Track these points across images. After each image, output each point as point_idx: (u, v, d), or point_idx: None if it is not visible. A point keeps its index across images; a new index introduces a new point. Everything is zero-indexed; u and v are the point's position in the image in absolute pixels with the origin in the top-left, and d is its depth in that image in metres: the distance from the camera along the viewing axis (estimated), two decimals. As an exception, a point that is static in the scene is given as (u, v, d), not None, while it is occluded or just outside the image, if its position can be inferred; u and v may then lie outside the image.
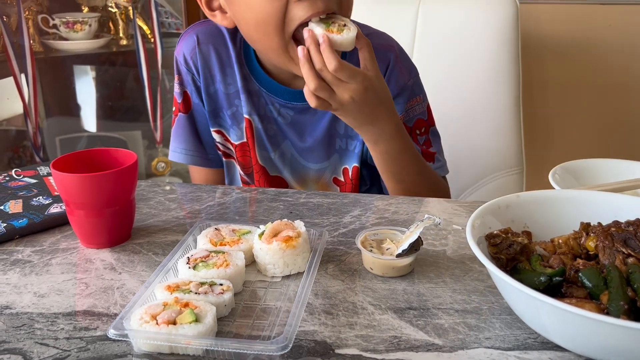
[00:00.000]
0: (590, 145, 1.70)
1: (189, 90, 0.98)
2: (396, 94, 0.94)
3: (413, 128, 0.97)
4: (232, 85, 0.96)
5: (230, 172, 1.04)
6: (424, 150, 0.97)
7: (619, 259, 0.55)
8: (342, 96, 0.78)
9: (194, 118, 1.00)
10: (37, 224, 0.77)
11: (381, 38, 0.98)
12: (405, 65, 0.96)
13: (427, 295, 0.62)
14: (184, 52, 0.97)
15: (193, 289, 0.59)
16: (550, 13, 1.61)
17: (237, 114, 0.97)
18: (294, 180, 1.01)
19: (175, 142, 1.02)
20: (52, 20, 1.79)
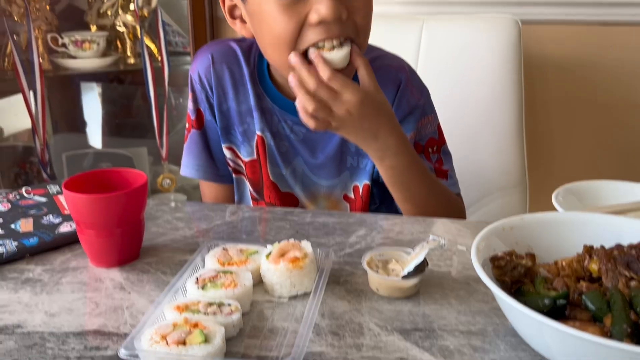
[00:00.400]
0: (593, 165, 1.71)
1: (202, 108, 1.01)
2: (407, 113, 0.96)
3: (425, 146, 0.98)
4: (244, 103, 0.98)
5: (240, 189, 1.06)
6: (437, 168, 0.98)
7: (622, 282, 0.56)
8: (339, 112, 0.80)
9: (206, 134, 1.02)
10: (47, 243, 0.78)
11: (392, 59, 1.01)
12: (416, 85, 0.99)
13: (432, 317, 0.63)
14: (198, 70, 0.99)
15: (202, 309, 0.60)
16: (553, 33, 1.63)
17: (248, 131, 0.99)
18: (305, 196, 1.02)
19: (187, 157, 1.04)
20: (61, 39, 1.81)
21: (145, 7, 1.84)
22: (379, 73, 0.95)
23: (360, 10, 0.82)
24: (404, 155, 0.87)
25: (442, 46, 1.40)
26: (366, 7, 0.84)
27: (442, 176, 0.98)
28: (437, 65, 1.40)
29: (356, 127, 0.82)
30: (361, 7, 0.82)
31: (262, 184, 1.02)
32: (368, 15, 0.85)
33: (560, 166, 1.73)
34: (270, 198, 1.01)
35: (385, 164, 0.88)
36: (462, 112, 1.38)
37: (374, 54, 0.99)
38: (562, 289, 0.57)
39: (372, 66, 0.96)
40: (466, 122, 1.38)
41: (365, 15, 0.84)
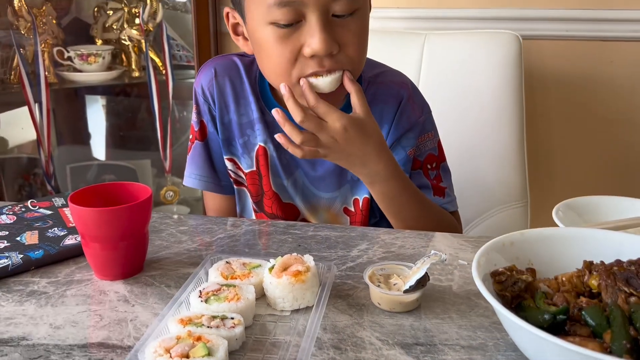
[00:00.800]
0: (594, 180, 1.72)
1: (205, 120, 1.03)
2: (407, 129, 0.97)
3: (424, 162, 1.00)
4: (244, 116, 1.00)
5: (241, 200, 1.07)
6: (434, 184, 0.99)
7: (621, 298, 0.57)
8: (325, 139, 0.82)
9: (209, 146, 1.04)
10: (52, 255, 0.79)
11: (395, 75, 1.02)
12: (417, 102, 1.00)
13: (433, 331, 0.64)
14: (202, 83, 1.01)
15: (205, 323, 0.60)
16: (553, 49, 1.64)
17: (248, 143, 1.01)
18: (305, 207, 1.03)
19: (190, 168, 1.06)
20: (67, 53, 1.83)
21: (150, 21, 1.87)
22: (382, 89, 0.98)
23: (352, 44, 0.83)
24: (395, 180, 0.89)
25: (444, 61, 1.41)
26: (359, 38, 0.85)
27: (439, 194, 0.99)
28: (439, 80, 1.41)
29: (343, 154, 0.84)
30: (354, 40, 0.83)
31: (261, 195, 1.03)
32: (361, 46, 0.86)
33: (561, 181, 1.73)
34: (272, 208, 1.03)
35: (375, 188, 0.90)
36: (463, 126, 1.39)
37: (377, 70, 1.01)
38: (562, 304, 0.58)
39: (375, 82, 0.99)
40: (467, 136, 1.39)
41: (358, 47, 0.85)
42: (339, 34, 0.82)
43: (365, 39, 0.86)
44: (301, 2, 0.78)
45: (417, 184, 0.98)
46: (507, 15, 1.62)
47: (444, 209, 0.99)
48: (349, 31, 0.82)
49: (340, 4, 0.80)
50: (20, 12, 1.76)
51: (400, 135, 0.97)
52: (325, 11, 0.80)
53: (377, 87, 0.99)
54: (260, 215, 1.05)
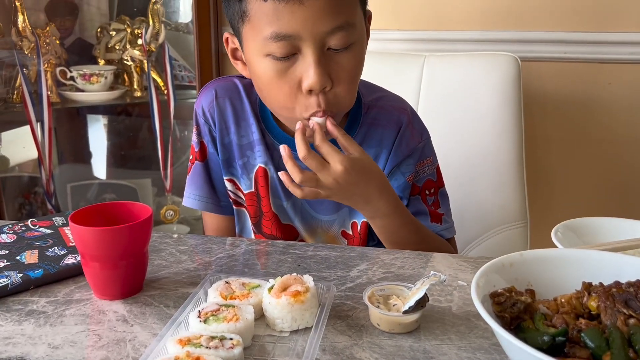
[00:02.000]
0: (593, 201, 1.72)
1: (205, 141, 1.03)
2: (407, 155, 0.98)
3: (422, 188, 1.00)
4: (244, 137, 1.01)
5: (241, 220, 1.08)
6: (432, 211, 1.00)
7: (621, 319, 0.56)
8: (327, 181, 0.83)
9: (209, 167, 1.04)
10: (52, 275, 0.79)
11: (395, 101, 1.03)
12: (417, 127, 1.00)
13: (433, 353, 0.64)
14: (202, 104, 1.02)
15: (204, 343, 0.60)
16: (552, 70, 1.66)
17: (247, 164, 1.01)
18: (304, 229, 1.03)
19: (190, 189, 1.06)
20: (69, 73, 1.85)
21: (152, 42, 1.89)
22: (382, 113, 0.99)
23: (343, 82, 0.84)
24: (395, 215, 0.90)
25: (443, 83, 1.42)
26: (352, 75, 0.85)
27: (437, 220, 1.00)
28: (438, 101, 1.42)
29: (346, 194, 0.85)
30: (346, 78, 0.84)
31: (260, 217, 1.03)
32: (353, 84, 0.87)
33: (561, 202, 1.74)
34: (272, 230, 1.03)
35: (376, 223, 0.92)
36: (462, 147, 1.40)
37: (377, 94, 1.02)
38: (561, 325, 0.58)
39: (375, 106, 0.99)
40: (467, 157, 1.39)
41: (350, 84, 0.86)
42: (333, 68, 0.83)
43: (358, 74, 0.88)
44: (297, 36, 0.79)
45: (415, 209, 0.98)
46: (505, 37, 1.64)
47: (441, 235, 1.00)
48: (342, 67, 0.83)
49: (336, 39, 0.80)
50: (24, 32, 1.78)
51: (400, 161, 0.98)
52: (321, 45, 0.80)
53: (378, 112, 0.99)
54: (259, 237, 1.05)
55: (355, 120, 0.98)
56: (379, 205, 0.88)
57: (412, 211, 0.98)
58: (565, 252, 0.71)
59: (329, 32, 0.80)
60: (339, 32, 0.80)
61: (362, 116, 0.98)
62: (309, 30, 0.79)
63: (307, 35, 0.79)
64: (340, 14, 0.80)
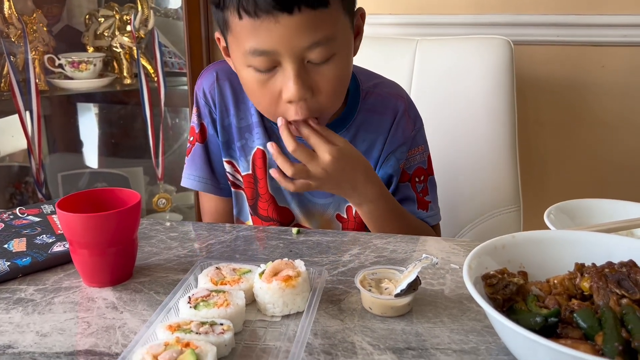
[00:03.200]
0: (586, 183, 1.72)
1: (205, 122, 1.04)
2: (401, 143, 0.99)
3: (412, 175, 1.02)
4: (243, 120, 1.02)
5: (238, 202, 1.08)
6: (419, 198, 1.02)
7: (613, 300, 0.56)
8: (316, 171, 0.84)
9: (208, 148, 1.05)
10: (40, 263, 0.78)
11: (392, 87, 1.04)
12: (412, 115, 1.02)
13: (425, 335, 0.63)
14: (203, 86, 1.03)
15: (194, 329, 0.59)
16: (545, 54, 1.65)
17: (245, 146, 1.02)
18: (301, 212, 1.04)
19: (189, 170, 1.07)
20: (57, 60, 1.82)
21: (141, 28, 1.86)
22: (379, 99, 1.00)
23: (325, 92, 0.84)
24: (380, 201, 0.92)
25: (436, 67, 1.41)
26: (333, 85, 0.85)
27: (423, 207, 1.02)
28: (430, 86, 1.41)
29: (335, 183, 0.87)
30: (327, 88, 0.84)
31: (256, 198, 1.04)
32: (335, 93, 0.86)
33: (554, 185, 1.74)
34: (268, 211, 1.03)
35: (363, 209, 0.93)
36: (455, 132, 1.39)
37: (374, 80, 1.03)
38: (553, 307, 0.58)
39: (373, 92, 1.01)
40: (459, 142, 1.39)
41: (332, 93, 0.85)
42: (314, 79, 0.83)
43: (341, 83, 0.87)
44: (275, 52, 0.79)
45: (403, 196, 1.00)
46: (498, 21, 1.63)
47: (426, 222, 1.02)
48: (323, 78, 0.83)
49: (315, 53, 0.80)
50: (11, 19, 1.75)
51: (395, 148, 0.99)
52: (300, 59, 0.80)
53: (375, 98, 1.00)
54: (255, 219, 1.05)
55: (353, 106, 0.99)
56: (366, 191, 0.90)
57: (400, 197, 1.00)
58: (557, 234, 0.71)
59: (307, 47, 0.79)
60: (318, 47, 0.80)
61: (360, 102, 0.99)
62: (286, 46, 0.78)
63: (284, 51, 0.79)
64: (318, 30, 0.79)
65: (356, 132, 0.99)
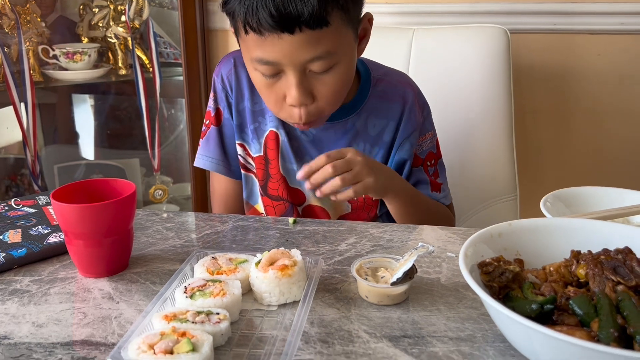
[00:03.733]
0: (583, 172, 1.72)
1: (221, 107, 1.08)
2: (413, 130, 1.03)
3: (425, 160, 1.05)
4: (257, 104, 1.06)
5: (248, 185, 1.12)
6: (432, 180, 1.06)
7: (609, 286, 0.56)
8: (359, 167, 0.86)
9: (222, 131, 1.09)
10: (36, 254, 0.78)
11: (401, 76, 1.09)
12: (420, 103, 1.06)
13: (421, 323, 0.63)
14: (222, 72, 1.08)
15: (190, 318, 0.59)
16: (541, 42, 1.64)
17: (258, 129, 1.06)
18: (312, 193, 1.04)
19: (203, 150, 1.11)
20: (52, 51, 1.81)
21: (136, 18, 1.85)
22: (389, 87, 1.04)
23: (325, 98, 0.89)
24: (407, 189, 0.98)
25: (432, 56, 1.41)
26: (334, 91, 0.89)
27: (436, 189, 1.06)
28: (427, 75, 1.40)
29: (375, 170, 0.89)
30: (328, 94, 0.89)
31: (267, 179, 1.07)
32: (335, 98, 0.91)
33: (551, 173, 1.74)
34: (279, 191, 1.07)
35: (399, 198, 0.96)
36: (452, 121, 1.39)
37: (381, 71, 1.07)
38: (549, 294, 0.58)
39: (383, 80, 1.05)
40: (456, 131, 1.38)
41: (332, 99, 0.91)
42: (315, 86, 0.88)
43: (341, 88, 0.91)
44: (279, 62, 0.85)
45: (417, 179, 1.04)
46: (494, 9, 1.62)
47: (441, 203, 1.06)
48: (324, 85, 0.88)
49: (316, 65, 0.85)
50: (4, 9, 1.73)
51: (409, 134, 1.02)
52: (302, 69, 0.86)
53: (386, 85, 1.04)
54: (265, 199, 1.08)
55: (364, 92, 1.02)
56: (396, 180, 0.95)
57: (414, 180, 1.04)
58: (553, 222, 0.71)
59: (309, 60, 0.84)
60: (319, 61, 0.84)
61: (371, 89, 1.03)
62: (289, 59, 0.84)
63: (287, 62, 0.84)
64: (320, 45, 0.83)
65: (367, 117, 1.02)
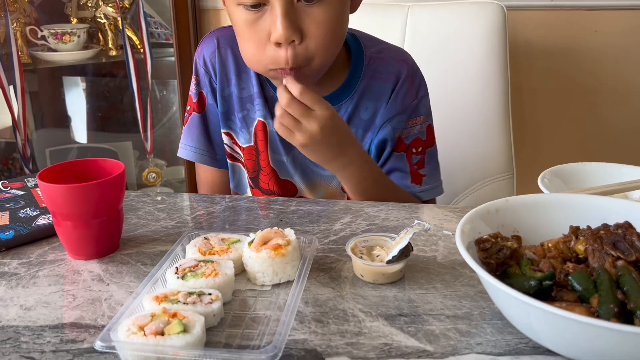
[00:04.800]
0: (579, 149, 1.71)
1: (204, 92, 1.01)
2: (400, 112, 0.95)
3: (409, 146, 0.97)
4: (245, 90, 0.98)
5: (236, 175, 1.06)
6: (413, 170, 0.97)
7: (609, 262, 0.55)
8: (311, 127, 0.79)
9: (206, 118, 1.02)
10: (24, 236, 0.76)
11: (396, 52, 1.00)
12: (415, 83, 0.97)
13: (417, 302, 0.62)
14: (204, 54, 0.99)
15: (181, 299, 0.58)
16: (538, 19, 1.62)
17: (247, 117, 0.99)
18: (304, 184, 1.01)
19: (186, 140, 1.04)
20: (40, 32, 1.78)
21: (126, -2, 1.81)
22: (382, 65, 0.96)
23: (315, 36, 0.81)
24: (366, 167, 0.88)
25: (427, 33, 1.38)
26: (325, 29, 0.81)
27: (417, 181, 0.97)
28: (422, 52, 1.38)
29: (325, 143, 0.82)
30: (318, 32, 0.81)
31: (258, 171, 1.01)
32: (327, 38, 0.82)
33: (547, 152, 1.73)
34: (269, 185, 1.01)
35: (346, 173, 0.88)
36: (447, 99, 1.37)
37: (378, 46, 0.99)
38: (548, 270, 0.57)
39: (377, 57, 0.97)
40: (452, 109, 1.37)
41: (323, 39, 0.82)
42: (303, 21, 0.80)
43: (332, 29, 0.82)
44: None
45: (395, 166, 0.96)
46: (490, -15, 1.59)
47: (418, 197, 0.97)
48: (312, 20, 0.80)
49: None
50: (-11, -11, 1.70)
51: (392, 115, 0.95)
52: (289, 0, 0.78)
53: (379, 64, 0.96)
54: (256, 192, 1.03)
55: (356, 73, 0.95)
56: (353, 153, 0.86)
57: (390, 167, 0.96)
58: (551, 197, 0.69)
59: None
60: None
61: (364, 69, 0.95)
62: None
63: None
64: None
65: (359, 100, 0.95)
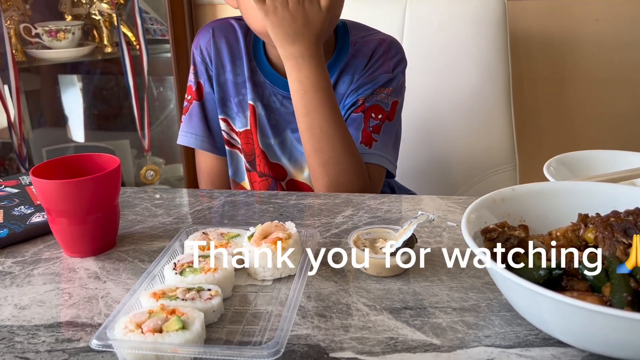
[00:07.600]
0: (581, 139, 1.69)
1: (202, 80, 1.04)
2: (369, 80, 0.98)
3: (369, 108, 0.97)
4: (240, 76, 1.02)
5: (234, 162, 1.08)
6: (366, 131, 0.96)
7: (620, 249, 0.53)
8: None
9: (205, 106, 1.05)
10: (18, 234, 0.75)
11: (380, 35, 1.04)
12: (392, 59, 1.01)
13: (423, 294, 0.60)
14: (200, 44, 1.04)
15: (180, 296, 0.56)
16: (538, 9, 1.60)
17: (242, 102, 1.03)
18: (292, 166, 1.04)
19: (186, 127, 1.06)
20: (34, 29, 1.75)
21: (120, -6, 1.79)
22: (364, 45, 1.01)
23: None
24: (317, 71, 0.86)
25: (427, 23, 1.37)
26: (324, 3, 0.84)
27: (367, 143, 0.95)
28: (422, 43, 1.36)
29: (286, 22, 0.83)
30: None
31: (254, 154, 1.04)
32: None
33: (549, 142, 1.71)
34: (260, 166, 1.04)
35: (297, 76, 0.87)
36: (449, 90, 1.35)
37: (366, 33, 1.04)
38: (557, 259, 0.55)
39: (361, 40, 1.01)
40: (453, 100, 1.35)
41: None
42: None
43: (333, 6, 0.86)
44: None
45: (351, 124, 0.95)
46: (489, -25, 1.57)
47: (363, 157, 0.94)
48: None
49: None
50: (-19, -13, 1.67)
51: (361, 84, 0.98)
52: None
53: (361, 45, 1.01)
54: (253, 175, 1.05)
55: (340, 56, 1.00)
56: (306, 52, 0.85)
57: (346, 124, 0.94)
58: (558, 185, 0.68)
59: None
60: None
61: (349, 51, 1.00)
62: None
63: None
64: None
65: (339, 75, 0.99)
